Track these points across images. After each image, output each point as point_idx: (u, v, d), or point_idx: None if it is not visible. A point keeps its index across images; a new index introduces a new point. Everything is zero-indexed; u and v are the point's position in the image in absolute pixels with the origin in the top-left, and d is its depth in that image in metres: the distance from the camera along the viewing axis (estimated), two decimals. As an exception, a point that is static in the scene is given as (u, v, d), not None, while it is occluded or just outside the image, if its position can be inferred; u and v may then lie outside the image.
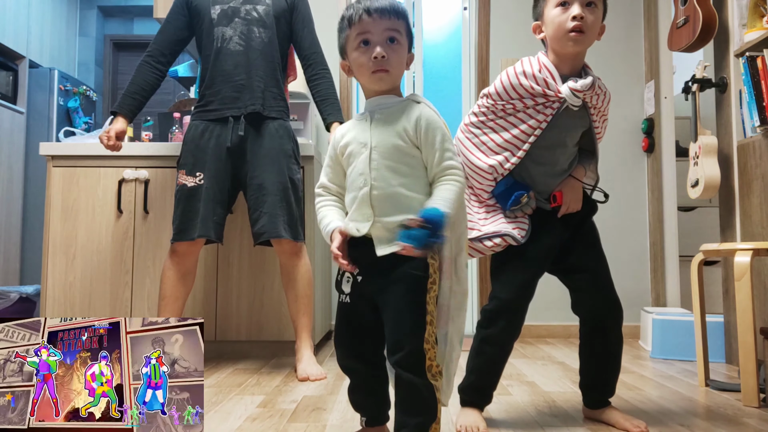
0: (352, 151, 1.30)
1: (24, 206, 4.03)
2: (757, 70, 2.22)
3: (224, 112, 2.26)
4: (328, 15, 3.43)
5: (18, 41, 4.02)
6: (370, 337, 1.32)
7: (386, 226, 1.24)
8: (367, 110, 1.33)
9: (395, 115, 1.29)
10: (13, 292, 3.26)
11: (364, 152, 1.27)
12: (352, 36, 1.28)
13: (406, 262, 1.22)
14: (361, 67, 1.28)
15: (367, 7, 1.26)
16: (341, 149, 1.33)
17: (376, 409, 1.38)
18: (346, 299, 1.31)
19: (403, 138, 1.26)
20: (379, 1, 1.27)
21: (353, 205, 1.28)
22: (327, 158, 1.38)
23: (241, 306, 2.60)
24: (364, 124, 1.31)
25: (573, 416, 1.68)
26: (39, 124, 4.11)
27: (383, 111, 1.30)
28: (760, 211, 2.27)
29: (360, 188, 1.26)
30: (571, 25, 1.47)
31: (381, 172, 1.25)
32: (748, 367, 1.81)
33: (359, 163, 1.28)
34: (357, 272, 1.29)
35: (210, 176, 2.24)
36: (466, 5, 3.65)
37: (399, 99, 1.32)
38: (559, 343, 3.06)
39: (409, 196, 1.25)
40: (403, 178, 1.25)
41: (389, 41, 1.27)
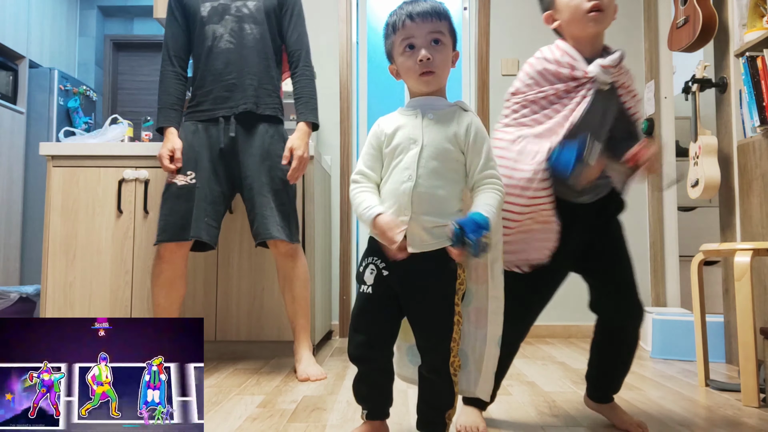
0: (399, 145, 1.32)
1: (24, 206, 4.02)
2: (757, 70, 2.22)
3: (216, 112, 2.23)
4: (324, 15, 3.43)
5: (18, 41, 4.02)
6: (385, 329, 1.36)
7: (422, 223, 1.27)
8: (416, 107, 1.35)
9: (447, 119, 1.33)
10: (13, 292, 3.26)
11: (414, 149, 1.30)
12: (398, 41, 1.33)
13: (434, 261, 1.28)
14: (409, 71, 1.33)
15: (410, 12, 1.31)
16: (387, 139, 1.34)
17: (379, 403, 1.41)
18: (368, 290, 1.34)
19: (452, 142, 1.31)
20: (421, 5, 1.32)
21: (391, 198, 1.30)
22: (368, 147, 1.38)
23: (241, 306, 2.60)
24: (415, 121, 1.33)
25: (573, 416, 1.68)
26: (39, 124, 4.10)
27: (435, 112, 1.34)
28: (760, 211, 2.27)
29: (403, 182, 1.29)
30: (589, 5, 1.42)
31: (427, 171, 1.28)
32: (748, 367, 1.81)
33: (407, 158, 1.30)
34: (383, 266, 1.32)
35: (202, 177, 2.19)
36: (466, 5, 3.65)
37: (448, 103, 1.37)
38: (559, 343, 3.06)
39: (447, 198, 1.29)
40: (445, 181, 1.29)
41: (434, 43, 1.31)
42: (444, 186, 1.29)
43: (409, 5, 1.33)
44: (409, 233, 1.28)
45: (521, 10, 3.45)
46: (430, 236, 1.27)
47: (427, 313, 1.31)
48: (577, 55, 1.47)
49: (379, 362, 1.38)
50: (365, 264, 1.35)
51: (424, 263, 1.28)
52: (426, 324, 1.32)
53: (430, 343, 1.32)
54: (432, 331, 1.31)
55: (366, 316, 1.36)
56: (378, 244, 1.32)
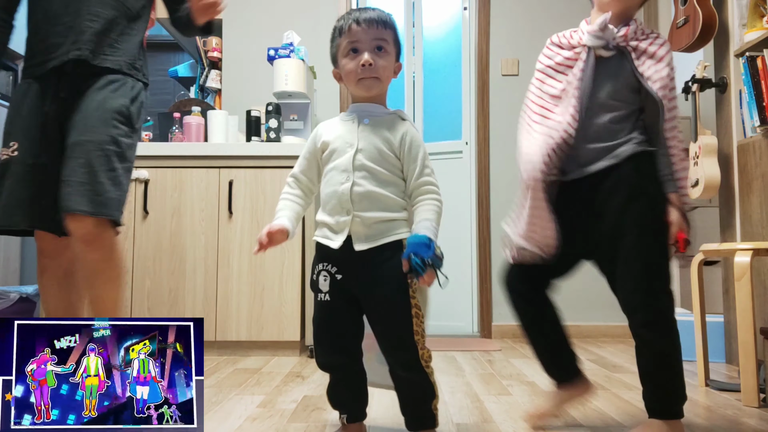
0: (336, 148, 1.36)
1: (24, 206, 4.02)
2: (757, 70, 2.22)
3: (47, 64, 1.72)
4: (324, 15, 3.44)
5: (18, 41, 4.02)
6: (350, 332, 1.37)
7: (364, 221, 1.30)
8: (354, 113, 1.39)
9: (383, 125, 1.36)
10: (13, 292, 3.25)
11: (350, 151, 1.34)
12: (343, 44, 1.35)
13: (384, 259, 1.31)
14: (350, 74, 1.35)
15: (357, 17, 1.34)
16: (323, 145, 1.38)
17: (356, 405, 1.43)
18: (326, 297, 1.35)
19: (387, 147, 1.34)
20: (368, 13, 1.35)
21: (332, 199, 1.34)
22: (305, 151, 1.43)
23: (241, 306, 2.60)
24: (350, 125, 1.37)
25: (573, 416, 1.68)
26: (39, 124, 4.10)
27: (372, 118, 1.37)
28: (760, 211, 2.27)
29: (341, 183, 1.32)
30: None
31: (363, 172, 1.32)
32: (748, 367, 1.81)
33: (343, 160, 1.34)
34: (335, 270, 1.33)
35: (23, 148, 1.70)
36: (466, 5, 3.65)
37: (386, 111, 1.40)
38: (559, 343, 3.06)
39: (387, 195, 1.32)
40: (382, 183, 1.32)
41: (377, 49, 1.34)
42: (382, 186, 1.32)
43: (357, 12, 1.36)
44: (353, 232, 1.31)
45: (521, 10, 3.45)
46: (374, 232, 1.31)
47: (385, 308, 1.31)
48: (584, 25, 1.48)
49: (350, 366, 1.38)
50: (317, 271, 1.36)
51: (373, 259, 1.30)
52: (386, 320, 1.32)
53: (394, 342, 1.32)
54: (393, 327, 1.31)
55: (329, 325, 1.36)
56: (326, 248, 1.34)
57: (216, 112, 2.91)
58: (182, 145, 2.69)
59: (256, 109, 2.90)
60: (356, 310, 1.35)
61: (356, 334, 1.37)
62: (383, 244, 1.31)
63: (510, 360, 2.59)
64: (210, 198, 2.64)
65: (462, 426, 1.56)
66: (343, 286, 1.33)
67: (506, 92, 3.41)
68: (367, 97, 1.37)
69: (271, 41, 3.23)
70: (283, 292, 2.60)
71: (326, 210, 1.35)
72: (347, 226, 1.31)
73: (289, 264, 2.61)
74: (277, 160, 2.66)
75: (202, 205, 2.63)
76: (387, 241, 1.31)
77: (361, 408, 1.43)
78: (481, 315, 3.36)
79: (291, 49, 2.92)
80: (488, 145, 3.40)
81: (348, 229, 1.31)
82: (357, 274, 1.32)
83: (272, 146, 2.69)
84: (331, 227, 1.33)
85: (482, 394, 1.94)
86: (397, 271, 1.28)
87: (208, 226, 2.63)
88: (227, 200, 2.63)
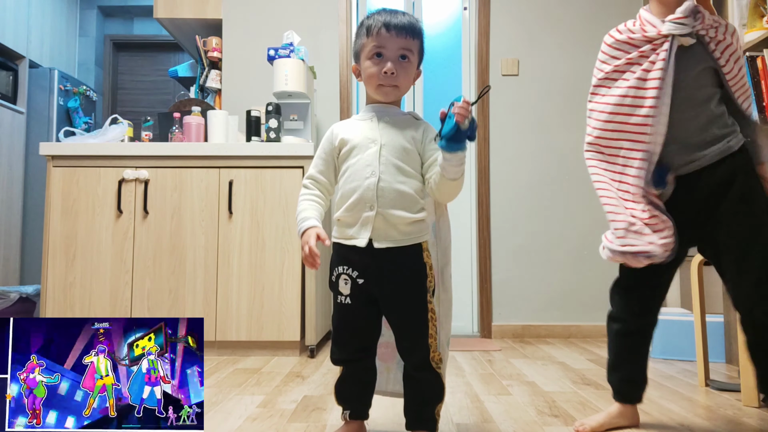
0: (357, 145, 1.36)
1: (24, 206, 4.02)
2: (757, 70, 2.22)
3: None
4: (324, 15, 3.43)
5: (18, 41, 4.02)
6: (368, 332, 1.40)
7: (387, 218, 1.31)
8: (372, 112, 1.40)
9: (403, 123, 1.39)
10: (13, 292, 3.26)
11: (373, 147, 1.34)
12: (368, 46, 1.35)
13: (405, 262, 1.33)
14: (372, 78, 1.35)
15: (387, 21, 1.33)
16: (341, 143, 1.38)
17: (361, 403, 1.45)
18: (346, 300, 1.36)
19: (410, 142, 1.36)
20: (399, 18, 1.34)
21: (354, 195, 1.33)
22: (321, 152, 1.42)
23: (241, 306, 2.60)
24: (370, 124, 1.39)
25: (573, 416, 1.68)
26: (39, 124, 4.10)
27: (391, 117, 1.39)
28: (760, 211, 2.27)
29: (366, 178, 1.32)
30: None
31: (388, 167, 1.33)
32: (748, 367, 1.81)
33: (367, 156, 1.34)
34: (357, 275, 1.34)
35: None
36: (466, 5, 3.65)
37: (402, 112, 1.42)
38: (559, 343, 3.06)
39: (409, 193, 1.33)
40: (406, 177, 1.34)
41: (401, 58, 1.34)
42: (406, 182, 1.33)
43: (389, 15, 1.34)
44: (374, 229, 1.31)
45: (521, 10, 3.45)
46: (396, 232, 1.32)
47: (404, 309, 1.35)
48: (653, 18, 1.43)
49: (364, 361, 1.43)
50: (337, 274, 1.37)
51: (395, 260, 1.32)
52: (405, 321, 1.35)
53: (410, 342, 1.36)
54: (411, 328, 1.35)
55: (349, 325, 1.39)
56: (346, 250, 1.35)
57: (216, 112, 2.91)
58: (182, 145, 2.69)
59: (256, 109, 2.90)
60: (375, 310, 1.38)
61: (374, 333, 1.41)
62: (405, 246, 1.33)
63: (510, 360, 2.59)
64: (210, 198, 2.64)
65: (462, 426, 1.56)
66: (364, 289, 1.35)
67: (506, 92, 3.41)
68: (384, 101, 1.39)
69: (271, 41, 3.24)
70: (283, 292, 2.60)
71: (347, 207, 1.34)
72: (370, 222, 1.31)
73: (289, 264, 2.61)
74: (277, 160, 2.66)
75: (202, 205, 2.63)
76: (408, 243, 1.33)
77: (365, 406, 1.46)
78: (481, 315, 3.36)
79: (291, 49, 2.92)
80: (488, 145, 3.40)
81: (371, 225, 1.31)
82: (378, 275, 1.33)
83: (272, 146, 2.69)
84: (353, 224, 1.33)
85: (482, 394, 1.94)
86: (416, 274, 1.33)
87: (208, 226, 2.63)
88: (227, 200, 2.63)
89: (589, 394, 1.94)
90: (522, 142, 3.39)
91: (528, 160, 3.37)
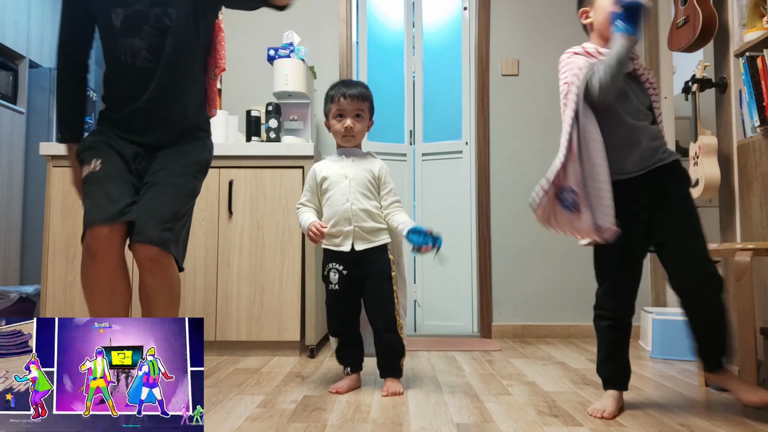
0: (332, 181, 1.98)
1: (24, 206, 4.02)
2: (757, 70, 2.22)
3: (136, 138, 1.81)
4: (324, 15, 3.43)
5: (18, 41, 4.02)
6: (352, 310, 2.02)
7: (362, 229, 1.96)
8: (341, 154, 2.04)
9: (364, 161, 2.03)
10: (13, 292, 3.26)
11: (345, 181, 1.98)
12: (333, 110, 2.01)
13: (376, 258, 1.97)
14: (337, 132, 2.02)
15: (344, 92, 1.99)
16: (321, 179, 2.01)
17: (356, 359, 2.04)
18: (336, 287, 1.99)
19: (369, 173, 2.00)
20: (352, 90, 1.99)
21: (334, 217, 1.96)
22: (307, 186, 2.04)
23: (241, 306, 2.60)
24: (341, 162, 2.02)
25: (573, 416, 1.68)
26: (39, 124, 4.10)
27: (355, 157, 2.03)
28: (760, 211, 2.27)
29: (342, 204, 1.95)
30: None
31: (356, 195, 1.97)
32: (748, 367, 1.81)
33: (342, 188, 1.97)
34: (342, 267, 1.97)
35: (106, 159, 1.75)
36: (466, 5, 3.65)
37: (362, 152, 2.06)
38: (559, 343, 3.06)
39: (373, 211, 1.98)
40: (369, 199, 1.99)
41: (356, 116, 2.00)
42: (369, 203, 1.98)
43: (345, 87, 2.00)
44: (354, 238, 1.95)
45: (521, 10, 3.45)
46: (370, 236, 1.97)
47: (377, 292, 1.96)
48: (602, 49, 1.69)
49: (352, 331, 2.04)
50: (328, 269, 2.00)
51: (369, 257, 1.96)
52: (377, 300, 1.96)
53: (381, 314, 1.96)
54: (382, 305, 1.96)
55: (339, 305, 2.02)
56: (334, 253, 1.98)
57: (216, 112, 2.91)
58: (182, 145, 2.68)
59: (256, 109, 2.90)
60: (356, 293, 2.00)
61: (357, 311, 2.03)
62: (375, 246, 1.97)
63: (510, 360, 2.59)
64: (210, 198, 2.64)
65: (462, 426, 1.56)
66: (348, 278, 1.98)
67: (506, 92, 3.40)
68: (348, 145, 2.03)
69: (271, 41, 3.23)
70: (283, 292, 2.60)
71: (331, 224, 1.95)
72: (351, 233, 1.95)
73: (289, 264, 2.61)
74: (277, 160, 2.66)
75: (202, 205, 2.62)
76: (377, 245, 1.98)
77: (359, 361, 2.05)
78: (481, 315, 3.36)
79: (291, 49, 2.92)
80: (488, 144, 3.40)
81: (352, 235, 1.95)
82: (357, 268, 1.97)
83: (272, 146, 2.69)
84: (338, 236, 1.96)
85: (482, 394, 1.94)
86: (383, 266, 1.97)
87: (208, 226, 2.63)
88: (227, 200, 2.63)
89: (589, 394, 1.94)
90: (522, 142, 3.39)
91: (528, 160, 3.36)
